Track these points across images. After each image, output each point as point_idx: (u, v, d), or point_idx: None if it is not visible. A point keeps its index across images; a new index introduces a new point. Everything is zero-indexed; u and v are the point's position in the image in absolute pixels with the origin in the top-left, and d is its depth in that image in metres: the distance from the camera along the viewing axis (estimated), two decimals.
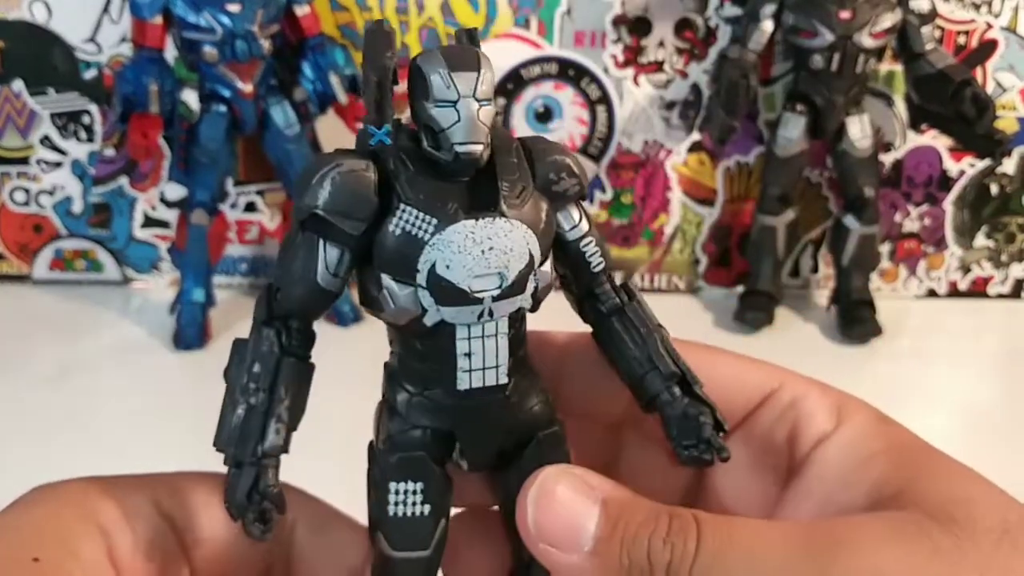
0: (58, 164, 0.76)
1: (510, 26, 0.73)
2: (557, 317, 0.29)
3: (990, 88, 0.75)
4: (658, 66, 0.75)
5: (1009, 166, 0.79)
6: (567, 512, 0.25)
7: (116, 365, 0.67)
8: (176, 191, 0.74)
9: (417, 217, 0.24)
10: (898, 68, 0.73)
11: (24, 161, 0.75)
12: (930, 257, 0.81)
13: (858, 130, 0.71)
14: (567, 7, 0.73)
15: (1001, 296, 0.83)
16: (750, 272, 0.76)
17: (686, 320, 0.75)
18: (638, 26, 0.74)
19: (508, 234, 0.25)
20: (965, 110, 0.67)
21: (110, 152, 0.75)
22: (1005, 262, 0.82)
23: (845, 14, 0.66)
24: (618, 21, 0.73)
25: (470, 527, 0.29)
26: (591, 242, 0.27)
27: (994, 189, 0.80)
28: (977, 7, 0.74)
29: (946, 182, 0.79)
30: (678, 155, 0.77)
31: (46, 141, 0.75)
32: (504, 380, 0.26)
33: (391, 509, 0.27)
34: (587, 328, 0.29)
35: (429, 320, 0.25)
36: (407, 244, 0.24)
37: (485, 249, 0.24)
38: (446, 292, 0.25)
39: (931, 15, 0.69)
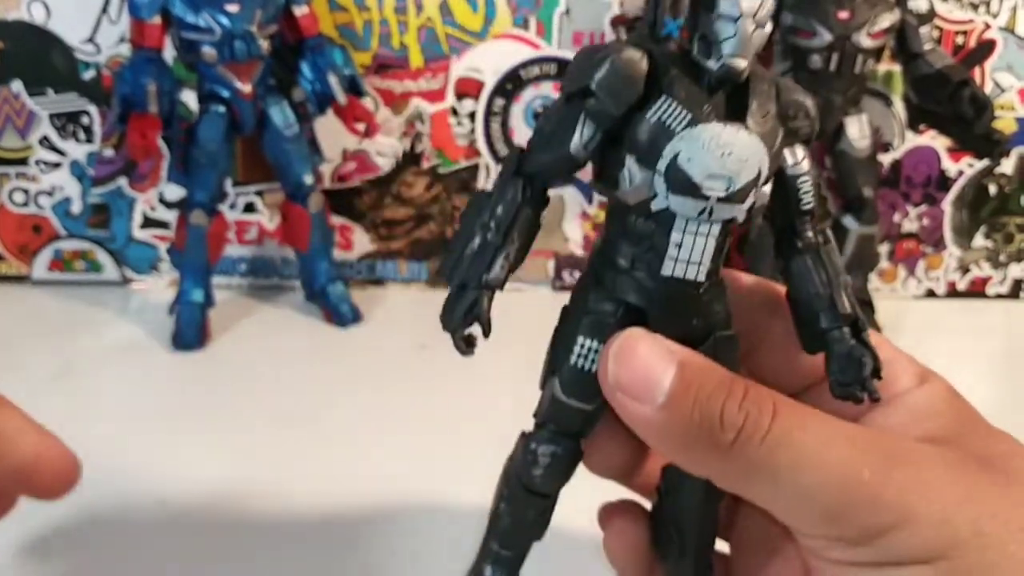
0: (57, 165, 0.76)
1: (508, 26, 0.73)
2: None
3: (988, 88, 0.75)
4: None
5: (1007, 166, 0.79)
6: (644, 365, 0.27)
7: (115, 365, 0.67)
8: (175, 192, 0.74)
9: (675, 109, 0.27)
10: (896, 68, 0.73)
11: (23, 162, 0.75)
12: (929, 257, 0.81)
13: (856, 130, 0.71)
14: (566, 8, 0.73)
15: (1000, 296, 0.83)
16: (748, 271, 0.76)
17: None
18: (636, 26, 0.74)
19: (748, 146, 0.27)
20: (963, 110, 0.67)
21: (109, 153, 0.75)
22: (1004, 262, 0.82)
23: (843, 14, 0.66)
24: (617, 22, 0.74)
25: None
26: (808, 181, 0.30)
27: (992, 189, 0.80)
28: (975, 7, 0.74)
29: (945, 182, 0.79)
30: None
31: (45, 142, 0.75)
32: (702, 279, 0.29)
33: (573, 359, 0.30)
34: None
35: (656, 205, 0.28)
36: (659, 131, 0.27)
37: (725, 153, 0.27)
38: (680, 182, 0.27)
39: (929, 15, 0.69)
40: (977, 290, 0.83)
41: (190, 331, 0.69)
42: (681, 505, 0.33)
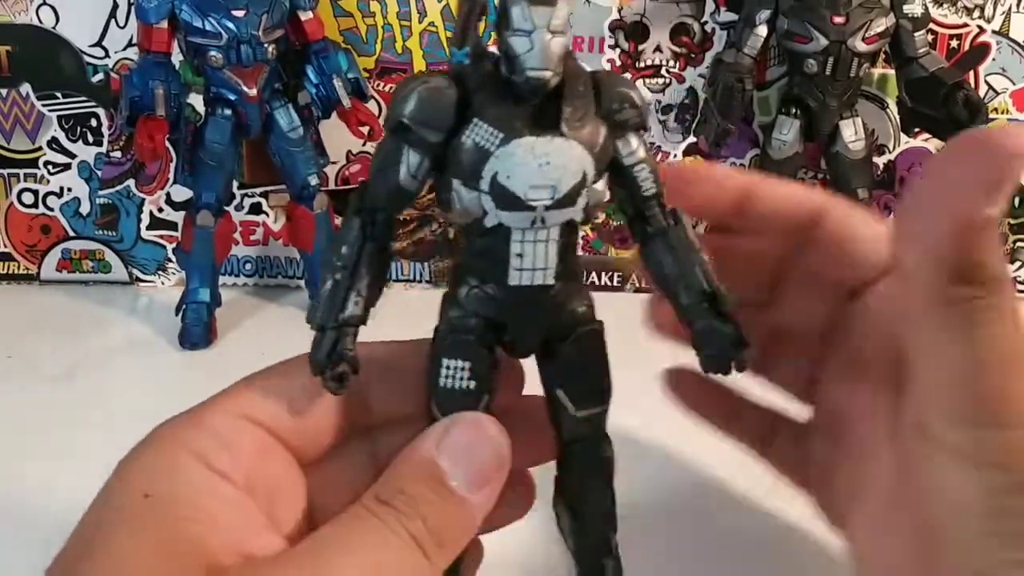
0: (66, 166, 0.77)
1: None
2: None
3: (982, 92, 0.76)
4: (655, 70, 0.76)
5: None
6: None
7: (123, 364, 0.68)
8: (182, 193, 0.75)
9: (486, 131, 0.28)
10: (890, 71, 0.74)
11: (32, 163, 0.76)
12: None
13: (851, 133, 0.72)
14: (568, 10, 0.74)
15: None
16: None
17: None
18: (635, 31, 0.75)
19: (565, 152, 0.28)
20: (957, 113, 0.68)
21: (117, 154, 0.76)
22: None
23: (839, 19, 0.67)
24: (616, 26, 0.75)
25: (516, 413, 0.32)
26: (644, 169, 0.30)
27: None
28: (969, 11, 0.75)
29: None
30: (675, 158, 0.78)
31: (54, 144, 0.76)
32: (551, 282, 0.30)
33: (441, 381, 0.31)
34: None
35: (488, 222, 0.29)
36: (475, 153, 0.28)
37: (542, 163, 0.28)
38: (505, 198, 0.28)
39: (924, 20, 0.70)
40: None
41: (197, 330, 0.70)
42: (579, 486, 0.34)
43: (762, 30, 0.70)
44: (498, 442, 0.29)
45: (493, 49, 0.29)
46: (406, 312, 0.39)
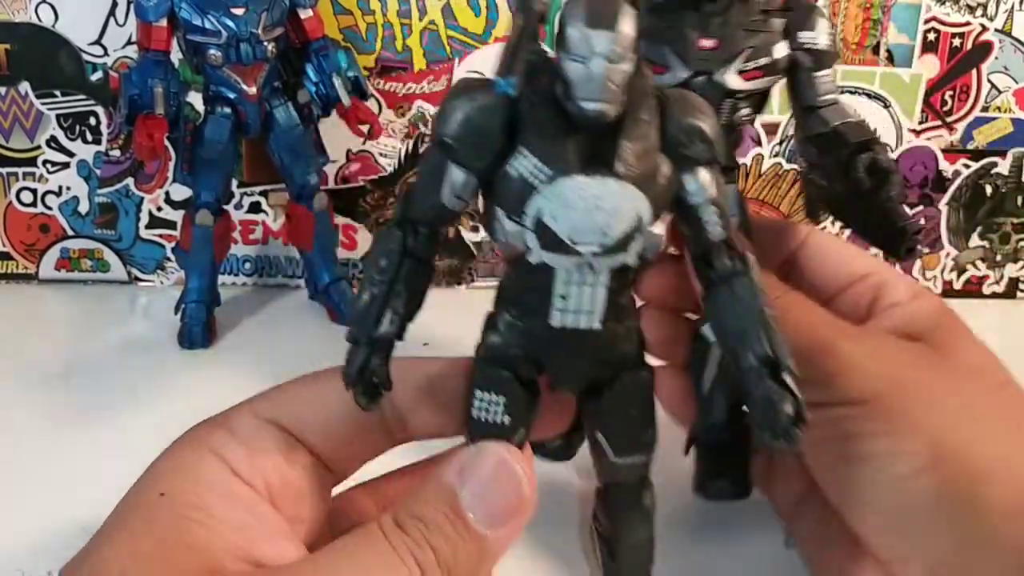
0: (65, 165, 0.76)
1: (510, 30, 0.74)
2: None
3: (984, 91, 0.76)
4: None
5: (1003, 167, 0.79)
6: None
7: (122, 363, 0.68)
8: (181, 192, 0.75)
9: (533, 165, 0.25)
10: (890, 70, 0.74)
11: (31, 162, 0.76)
12: (925, 257, 0.82)
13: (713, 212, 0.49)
14: None
15: (996, 296, 0.84)
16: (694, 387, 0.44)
17: None
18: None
19: (618, 195, 0.25)
20: (858, 179, 0.46)
21: (116, 153, 0.76)
22: (1000, 262, 0.83)
23: (707, 42, 0.44)
24: None
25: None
26: (713, 210, 0.27)
27: (989, 190, 0.80)
28: (972, 9, 0.75)
29: (941, 183, 0.80)
30: None
31: (53, 142, 0.76)
32: (596, 326, 0.27)
33: (475, 412, 0.29)
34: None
35: (533, 259, 0.26)
36: (520, 187, 0.25)
37: (592, 208, 0.25)
38: (550, 239, 0.26)
39: (830, 56, 0.47)
40: (973, 290, 0.83)
41: (196, 330, 0.70)
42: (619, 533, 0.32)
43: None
44: (522, 480, 0.27)
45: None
46: None
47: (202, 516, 0.26)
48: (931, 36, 0.72)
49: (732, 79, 0.44)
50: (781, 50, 0.45)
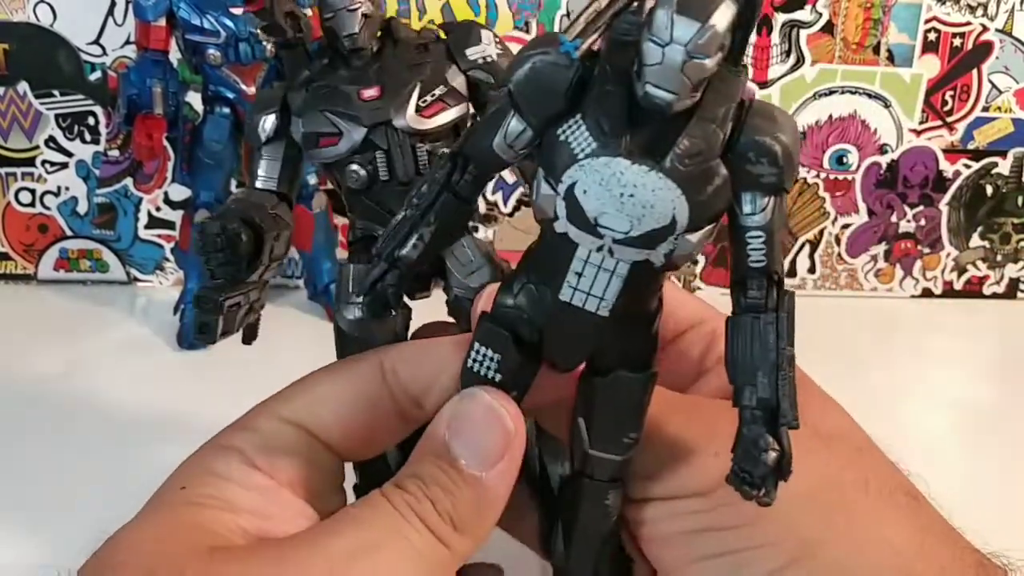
0: (63, 165, 0.76)
1: (510, 29, 0.74)
2: None
3: (985, 91, 0.76)
4: None
5: (1004, 167, 0.79)
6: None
7: (120, 364, 0.68)
8: (180, 192, 0.74)
9: (583, 134, 0.25)
10: (891, 70, 0.74)
11: (30, 162, 0.76)
12: (926, 257, 0.82)
13: (460, 268, 0.39)
14: (567, 10, 0.74)
15: (996, 296, 0.84)
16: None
17: None
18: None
19: (655, 191, 0.24)
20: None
21: (115, 153, 0.76)
22: (1000, 262, 0.83)
23: (370, 91, 0.39)
24: None
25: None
26: (761, 237, 0.26)
27: (989, 190, 0.80)
28: (973, 9, 0.74)
29: (942, 183, 0.80)
30: None
31: (51, 142, 0.76)
32: (604, 314, 0.27)
33: (469, 363, 0.29)
34: None
35: (559, 227, 0.26)
36: (562, 153, 0.25)
37: (625, 194, 0.24)
38: (576, 213, 0.25)
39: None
40: (974, 290, 0.83)
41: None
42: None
43: (276, 149, 0.40)
44: (505, 417, 0.28)
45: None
46: None
47: (217, 503, 0.27)
48: (932, 36, 0.72)
49: (413, 119, 0.39)
50: (454, 75, 0.41)
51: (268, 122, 0.39)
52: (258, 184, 0.37)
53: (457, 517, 0.27)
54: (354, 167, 0.38)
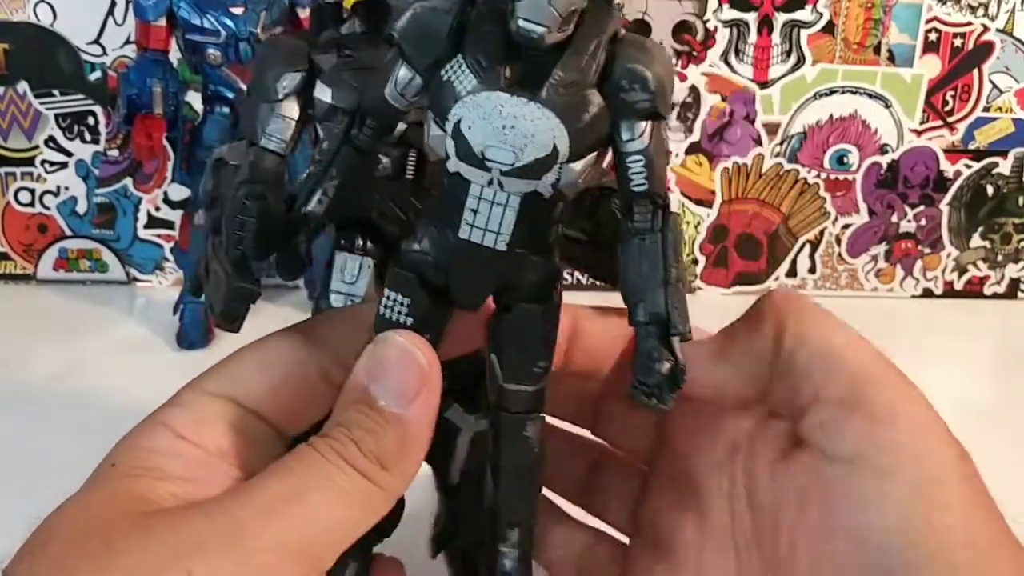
0: (63, 165, 0.76)
1: None
2: None
3: (986, 91, 0.76)
4: None
5: (1005, 167, 0.79)
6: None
7: (120, 364, 0.68)
8: (179, 192, 0.74)
9: (464, 73, 0.26)
10: (891, 70, 0.74)
11: (29, 162, 0.76)
12: (926, 257, 0.82)
13: None
14: None
15: (997, 296, 0.84)
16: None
17: None
18: (637, 29, 0.74)
19: (534, 120, 0.25)
20: None
21: (114, 153, 0.76)
22: (1001, 262, 0.83)
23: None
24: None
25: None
26: (640, 161, 0.27)
27: (990, 190, 0.80)
28: (973, 9, 0.74)
29: (942, 183, 0.80)
30: (676, 156, 0.78)
31: (51, 142, 0.76)
32: (502, 248, 0.28)
33: (381, 309, 0.29)
34: None
35: (451, 167, 0.27)
36: (447, 93, 0.26)
37: (507, 125, 0.25)
38: (463, 149, 0.26)
39: None
40: (974, 290, 0.83)
41: (194, 330, 0.70)
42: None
43: (291, 107, 0.35)
44: (419, 354, 0.28)
45: None
46: None
47: (149, 472, 0.28)
48: (932, 36, 0.72)
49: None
50: None
51: (293, 80, 0.34)
52: (271, 145, 0.33)
53: (383, 455, 0.27)
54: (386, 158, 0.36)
